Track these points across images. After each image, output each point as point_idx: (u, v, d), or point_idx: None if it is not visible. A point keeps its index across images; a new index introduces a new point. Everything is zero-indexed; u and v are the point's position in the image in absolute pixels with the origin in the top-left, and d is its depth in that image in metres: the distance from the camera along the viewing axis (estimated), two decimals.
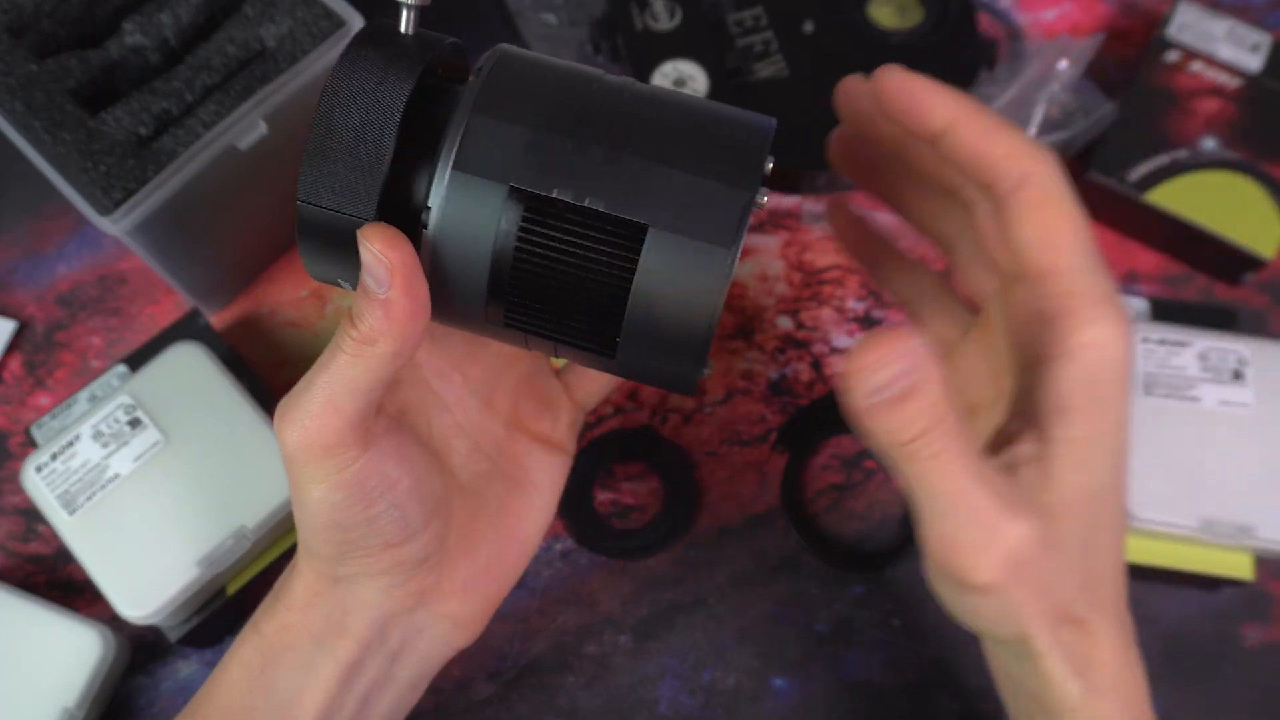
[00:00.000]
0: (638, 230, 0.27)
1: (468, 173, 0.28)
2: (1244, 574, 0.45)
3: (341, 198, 0.28)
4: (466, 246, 0.28)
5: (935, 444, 0.27)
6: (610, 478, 0.50)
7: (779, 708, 0.46)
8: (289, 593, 0.35)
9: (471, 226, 0.28)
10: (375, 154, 0.27)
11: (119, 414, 0.44)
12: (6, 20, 0.45)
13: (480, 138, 0.28)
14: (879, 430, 0.27)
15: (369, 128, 0.28)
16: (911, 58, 0.54)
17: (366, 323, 0.29)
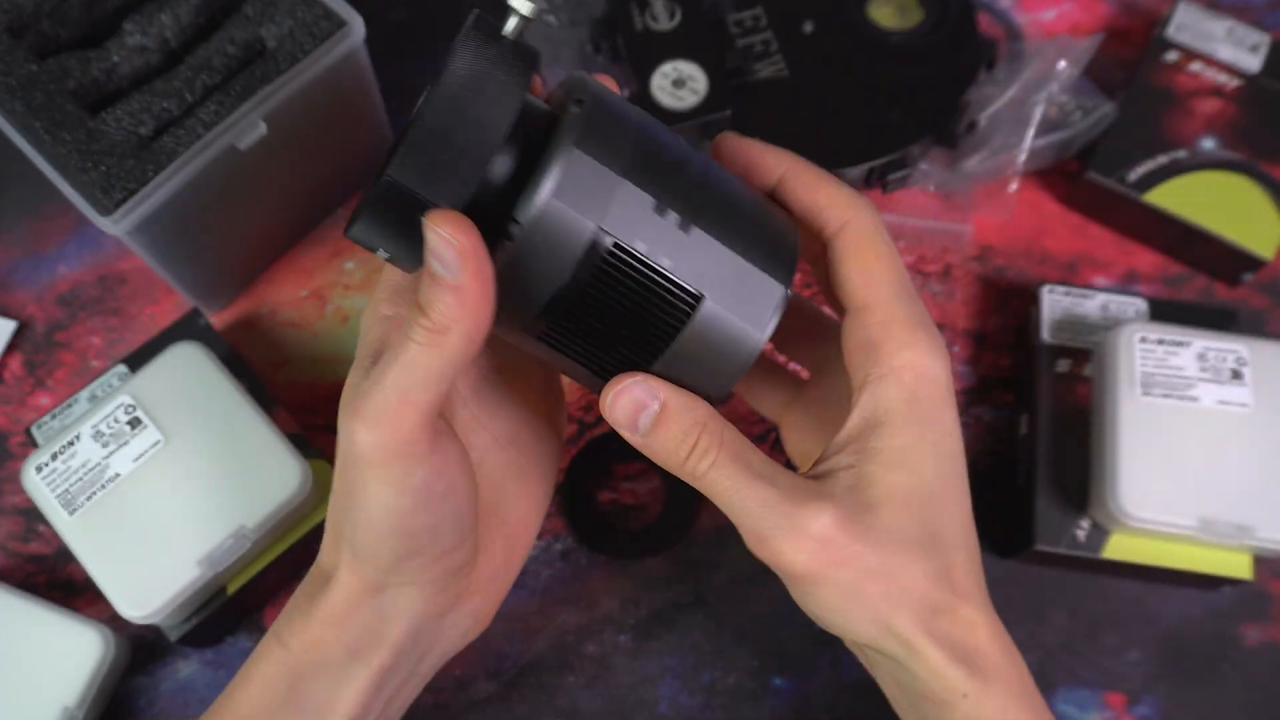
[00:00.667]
0: (693, 298, 0.30)
1: (564, 203, 0.28)
2: (1244, 574, 0.45)
3: (434, 187, 0.27)
4: (541, 268, 0.29)
5: (710, 455, 0.31)
6: (610, 478, 0.50)
7: (779, 708, 0.46)
8: (325, 605, 0.34)
9: (553, 253, 0.28)
10: (481, 154, 0.27)
11: (119, 414, 0.44)
12: (6, 20, 0.45)
13: (580, 172, 0.28)
14: (659, 458, 0.31)
15: (482, 126, 0.27)
16: (911, 58, 0.54)
17: (438, 309, 0.28)
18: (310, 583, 0.35)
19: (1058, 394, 0.49)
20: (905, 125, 0.53)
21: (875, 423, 0.32)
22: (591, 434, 0.51)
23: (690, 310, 0.30)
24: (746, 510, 0.31)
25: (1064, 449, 0.48)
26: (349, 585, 0.33)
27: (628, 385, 0.30)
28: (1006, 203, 0.54)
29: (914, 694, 0.34)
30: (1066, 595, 0.48)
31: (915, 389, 0.32)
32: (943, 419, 0.33)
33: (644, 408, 0.31)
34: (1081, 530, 0.46)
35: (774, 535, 0.31)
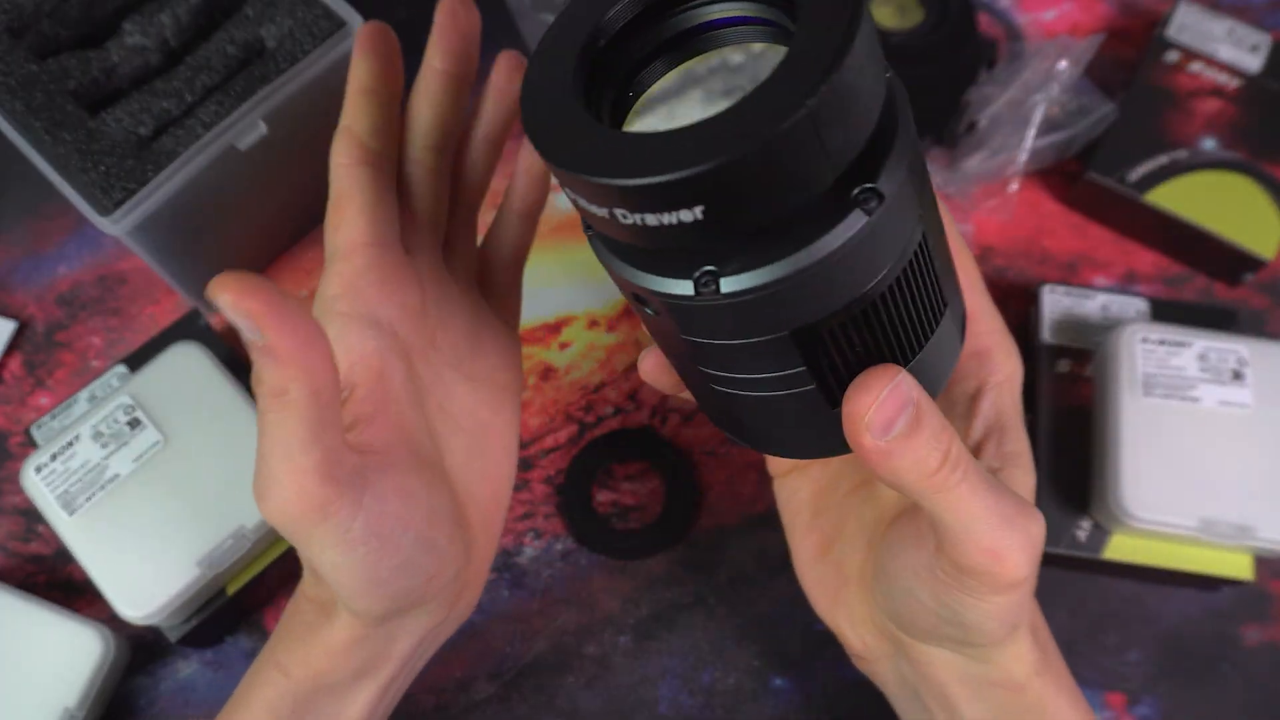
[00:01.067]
0: (944, 303, 0.28)
1: (909, 185, 0.24)
2: (1244, 574, 0.45)
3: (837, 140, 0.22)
4: (883, 247, 0.24)
5: (959, 469, 0.28)
6: (610, 478, 0.50)
7: (779, 708, 0.46)
8: (329, 638, 0.33)
9: (895, 233, 0.24)
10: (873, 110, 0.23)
11: (119, 414, 0.44)
12: (6, 20, 0.45)
13: (914, 156, 0.24)
14: (903, 469, 0.27)
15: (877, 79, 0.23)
16: (911, 58, 0.54)
17: (267, 375, 0.27)
18: (307, 610, 0.34)
19: (1058, 394, 0.48)
20: None
21: (1003, 428, 0.34)
22: (592, 434, 0.51)
23: (939, 315, 0.27)
24: (987, 525, 0.29)
25: (1064, 449, 0.47)
26: (351, 624, 0.33)
27: (898, 383, 0.26)
28: (1006, 203, 0.54)
29: (985, 682, 0.34)
30: (1066, 595, 0.48)
31: (1015, 397, 0.35)
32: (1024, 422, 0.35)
33: (904, 407, 0.26)
34: (1082, 530, 0.46)
35: (1008, 548, 0.29)
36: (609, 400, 0.51)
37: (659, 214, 0.22)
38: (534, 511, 0.49)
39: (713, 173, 0.21)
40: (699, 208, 0.22)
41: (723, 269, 0.23)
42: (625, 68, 0.26)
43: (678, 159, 0.21)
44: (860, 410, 0.26)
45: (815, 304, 0.24)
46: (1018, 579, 0.30)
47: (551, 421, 0.51)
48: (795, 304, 0.24)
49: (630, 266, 0.25)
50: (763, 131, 0.21)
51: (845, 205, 0.23)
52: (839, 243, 0.23)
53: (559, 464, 0.50)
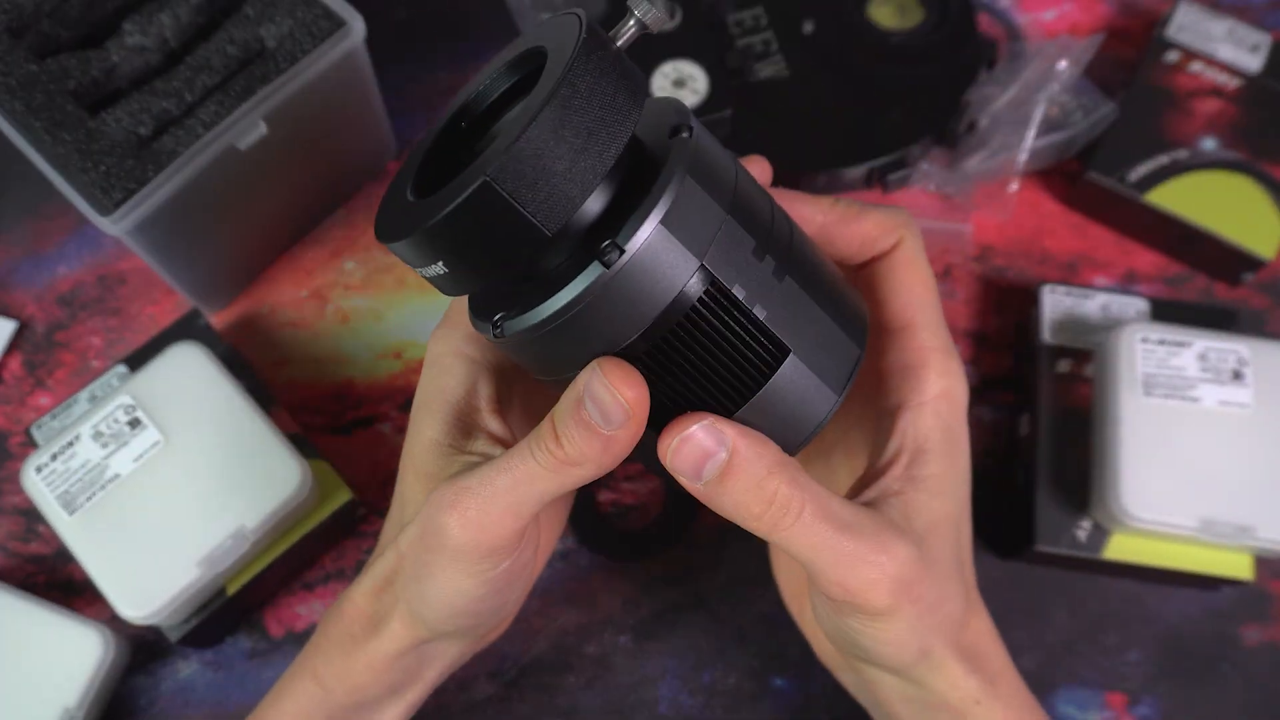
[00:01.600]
0: (782, 350, 0.28)
1: (671, 231, 0.25)
2: (1244, 574, 0.45)
3: (538, 199, 0.24)
4: (632, 302, 0.26)
5: (792, 512, 0.28)
6: (610, 478, 0.50)
7: (779, 708, 0.46)
8: (373, 652, 0.34)
9: (652, 283, 0.26)
10: (589, 177, 0.25)
11: (119, 414, 0.44)
12: (6, 20, 0.45)
13: (689, 202, 0.26)
14: (727, 511, 0.29)
15: (596, 140, 0.24)
16: (911, 58, 0.54)
17: (577, 448, 0.27)
18: (351, 622, 0.35)
19: (1058, 394, 0.48)
20: (905, 125, 0.53)
21: (917, 450, 0.32)
22: None
23: (775, 364, 0.28)
24: (832, 562, 0.29)
25: (1064, 449, 0.47)
26: (401, 640, 0.34)
27: (692, 430, 0.27)
28: (1006, 203, 0.54)
29: (925, 706, 0.34)
30: (1066, 595, 0.48)
31: (948, 418, 0.33)
32: (965, 444, 0.34)
33: (710, 456, 0.27)
34: (1082, 530, 0.46)
35: (860, 584, 0.30)
36: None
37: (423, 268, 0.26)
38: None
39: (425, 233, 0.25)
40: (439, 263, 0.25)
41: (508, 314, 0.27)
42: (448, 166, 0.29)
43: (411, 223, 0.25)
44: (660, 452, 0.28)
45: (590, 346, 0.27)
46: (882, 607, 0.30)
47: None
48: (572, 345, 0.27)
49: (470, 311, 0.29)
50: (452, 200, 0.24)
51: (588, 257, 0.25)
52: (578, 291, 0.25)
53: None
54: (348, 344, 0.52)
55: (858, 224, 0.33)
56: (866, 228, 0.33)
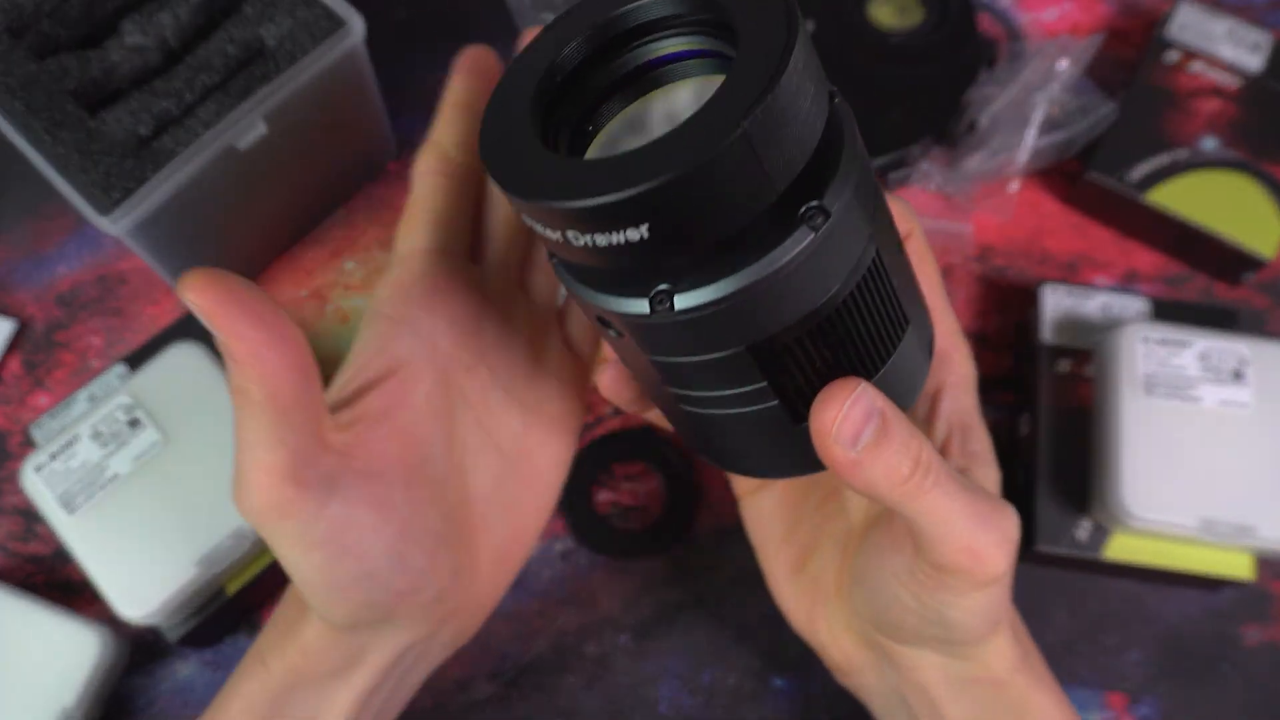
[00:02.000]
0: (905, 321, 0.28)
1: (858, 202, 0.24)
2: (1244, 574, 0.45)
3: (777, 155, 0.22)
4: (830, 264, 0.25)
5: (931, 473, 0.28)
6: (610, 478, 0.50)
7: (779, 708, 0.46)
8: (302, 637, 0.33)
9: (838, 258, 0.25)
10: (816, 125, 0.23)
11: (118, 414, 0.44)
12: (6, 20, 0.45)
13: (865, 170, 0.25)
14: (875, 479, 0.28)
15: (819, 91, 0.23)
16: (911, 58, 0.54)
17: (233, 370, 0.28)
18: (291, 606, 0.35)
19: (1058, 394, 0.48)
20: (905, 125, 0.53)
21: (964, 427, 0.34)
22: (592, 434, 0.51)
23: (900, 334, 0.28)
24: (963, 526, 0.29)
25: (1064, 449, 0.47)
26: (317, 624, 0.33)
27: (860, 393, 0.26)
28: (1006, 203, 0.54)
29: (968, 681, 0.35)
30: (1066, 595, 0.48)
31: (974, 395, 0.36)
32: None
33: (869, 419, 0.27)
34: (1082, 530, 0.46)
35: (985, 547, 0.30)
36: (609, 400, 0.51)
37: (608, 234, 0.23)
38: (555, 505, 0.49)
39: (654, 192, 0.22)
40: (644, 226, 0.23)
41: (676, 286, 0.24)
42: (581, 105, 0.27)
43: (621, 180, 0.22)
44: (826, 423, 0.26)
45: (769, 319, 0.25)
46: (997, 574, 0.30)
47: None
48: (749, 319, 0.25)
49: (590, 289, 0.26)
50: (701, 152, 0.22)
51: (792, 222, 0.24)
52: (786, 258, 0.24)
53: None
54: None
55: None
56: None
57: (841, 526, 0.38)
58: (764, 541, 0.40)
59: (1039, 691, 0.35)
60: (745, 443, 0.29)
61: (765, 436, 0.28)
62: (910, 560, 0.31)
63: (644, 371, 0.29)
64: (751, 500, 0.40)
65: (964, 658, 0.34)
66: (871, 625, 0.35)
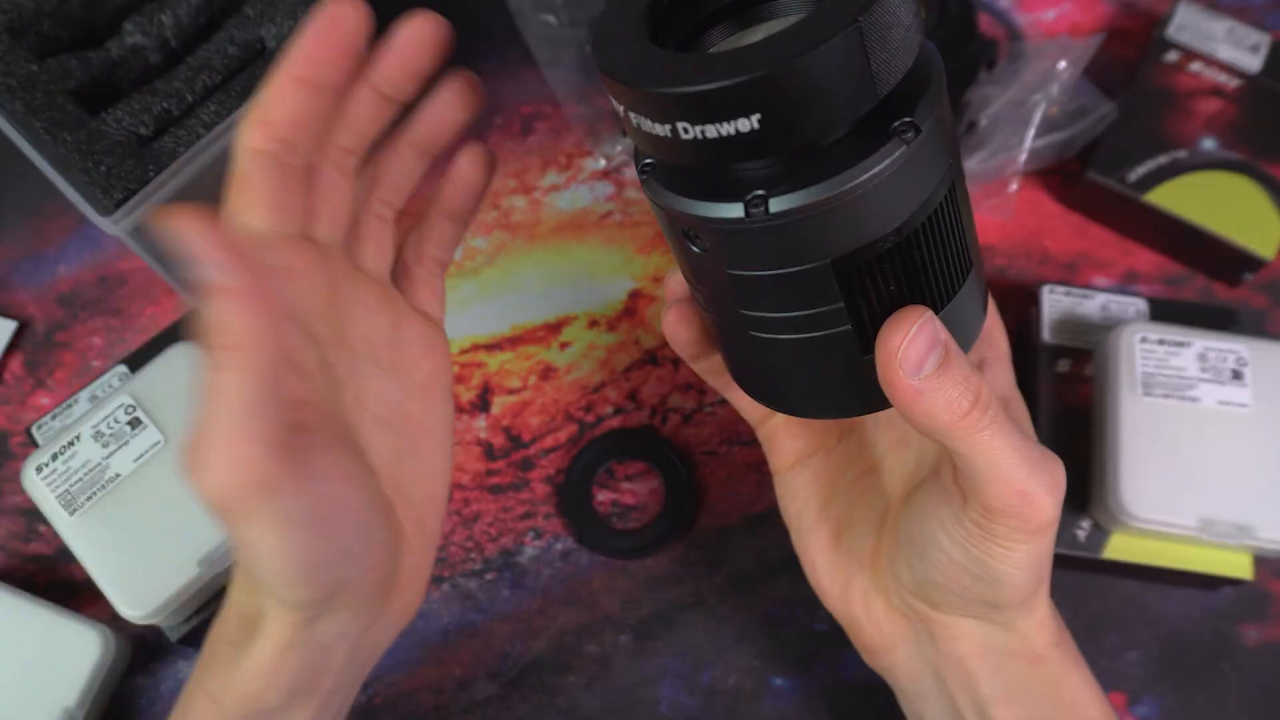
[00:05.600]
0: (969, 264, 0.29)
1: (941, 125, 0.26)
2: (1244, 574, 0.45)
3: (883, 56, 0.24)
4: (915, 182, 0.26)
5: (989, 412, 0.29)
6: (610, 478, 0.50)
7: (779, 708, 0.46)
8: (256, 657, 0.30)
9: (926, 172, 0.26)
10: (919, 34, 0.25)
11: (119, 414, 0.44)
12: (7, 20, 0.45)
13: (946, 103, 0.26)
14: (936, 410, 0.28)
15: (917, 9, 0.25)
16: None
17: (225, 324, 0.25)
18: (231, 628, 0.32)
19: (1058, 394, 0.48)
20: None
21: (1005, 398, 0.36)
22: (592, 434, 0.51)
23: (966, 272, 0.29)
24: (1018, 467, 0.30)
25: (1064, 449, 0.47)
26: (279, 632, 0.30)
27: (926, 321, 0.27)
28: (1006, 203, 0.54)
29: (1005, 654, 0.35)
30: (1066, 595, 0.48)
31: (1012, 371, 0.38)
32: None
33: (934, 347, 0.27)
34: (1082, 530, 0.46)
35: (1037, 490, 0.30)
36: (609, 400, 0.51)
37: (719, 124, 0.24)
38: (534, 511, 0.49)
39: (771, 77, 0.23)
40: (756, 116, 0.23)
41: (772, 191, 0.25)
42: (687, 28, 0.28)
43: (740, 67, 0.23)
44: (893, 346, 0.27)
45: (855, 231, 0.26)
46: (1046, 520, 0.31)
47: (551, 421, 0.51)
48: (837, 230, 0.26)
49: (684, 197, 0.27)
50: (818, 39, 0.23)
51: (885, 135, 0.25)
52: (878, 167, 0.24)
53: (559, 464, 0.50)
54: None
55: None
56: None
57: (879, 500, 0.38)
58: (800, 516, 0.39)
59: (1074, 671, 0.35)
60: (810, 375, 0.30)
61: (833, 367, 0.29)
62: (959, 510, 0.31)
63: (718, 295, 0.29)
64: (788, 476, 0.40)
65: (1005, 627, 0.34)
66: (913, 592, 0.35)
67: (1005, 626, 0.34)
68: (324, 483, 0.29)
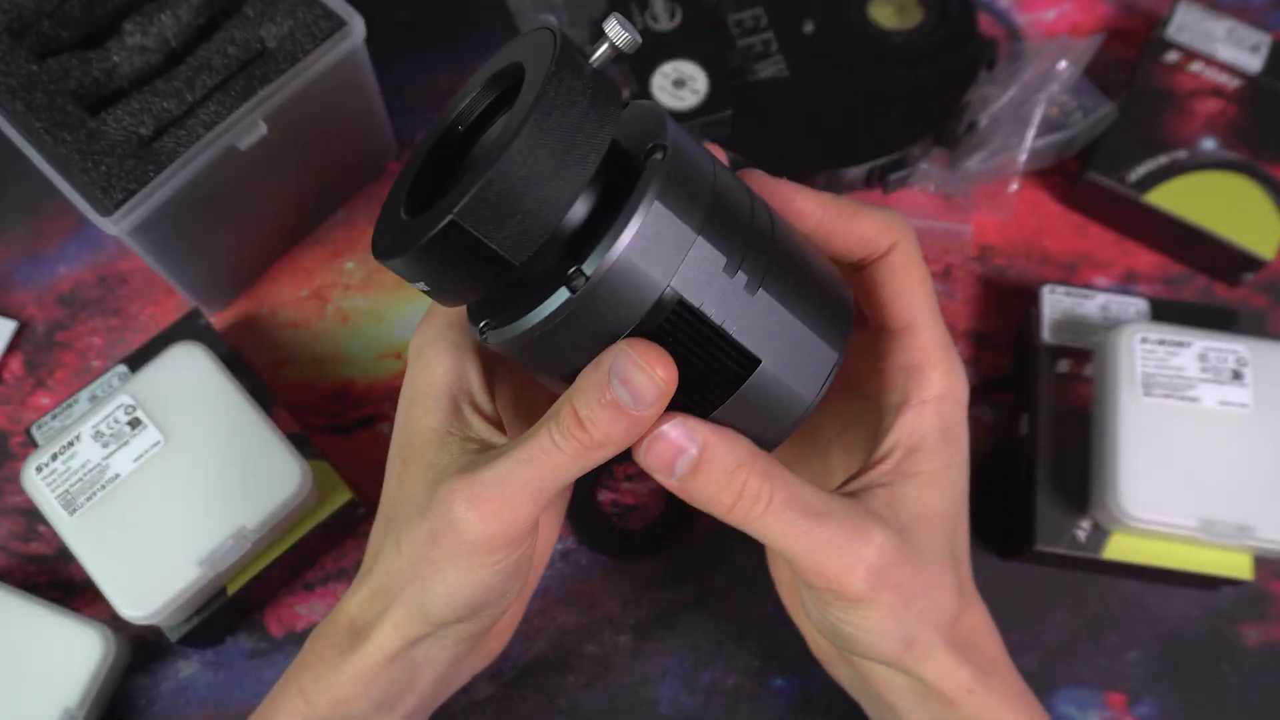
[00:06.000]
0: (751, 361, 0.29)
1: (636, 259, 0.26)
2: (1244, 574, 0.45)
3: (505, 233, 0.25)
4: (601, 322, 0.27)
5: (761, 496, 0.30)
6: (610, 478, 0.50)
7: (779, 708, 0.46)
8: (359, 662, 0.33)
9: (617, 309, 0.27)
10: (557, 207, 0.25)
11: (119, 414, 0.44)
12: (7, 21, 0.45)
13: (658, 228, 0.26)
14: (702, 503, 0.30)
15: (563, 177, 0.25)
16: (911, 58, 0.54)
17: (602, 430, 0.28)
18: (338, 634, 0.34)
19: (1058, 394, 0.48)
20: (905, 125, 0.53)
21: (913, 446, 0.33)
22: None
23: (745, 373, 0.29)
24: (807, 549, 0.30)
25: (1064, 449, 0.47)
26: (389, 643, 0.33)
27: (665, 429, 0.29)
28: (1006, 203, 0.54)
29: (920, 696, 0.34)
30: (1066, 595, 0.48)
31: (949, 416, 0.33)
32: (963, 440, 0.34)
33: (681, 452, 0.29)
34: (1081, 530, 0.46)
35: (836, 570, 0.30)
36: None
37: (412, 284, 0.28)
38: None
39: (402, 265, 0.26)
40: (421, 283, 0.27)
41: (490, 324, 0.29)
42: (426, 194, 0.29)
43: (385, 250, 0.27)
44: (637, 454, 0.29)
45: (562, 360, 0.28)
46: (857, 595, 0.30)
47: None
48: (551, 355, 0.28)
49: (468, 310, 0.31)
50: (423, 234, 0.25)
51: (557, 281, 0.26)
52: (546, 314, 0.27)
53: None
54: (348, 344, 0.53)
55: (855, 224, 0.33)
56: (863, 228, 0.33)
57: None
58: None
59: (1002, 710, 0.34)
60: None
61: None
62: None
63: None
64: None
65: (905, 673, 0.34)
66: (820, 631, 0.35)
67: (907, 673, 0.34)
68: (537, 538, 0.32)
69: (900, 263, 0.33)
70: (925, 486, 0.32)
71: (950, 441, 0.33)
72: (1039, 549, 0.46)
